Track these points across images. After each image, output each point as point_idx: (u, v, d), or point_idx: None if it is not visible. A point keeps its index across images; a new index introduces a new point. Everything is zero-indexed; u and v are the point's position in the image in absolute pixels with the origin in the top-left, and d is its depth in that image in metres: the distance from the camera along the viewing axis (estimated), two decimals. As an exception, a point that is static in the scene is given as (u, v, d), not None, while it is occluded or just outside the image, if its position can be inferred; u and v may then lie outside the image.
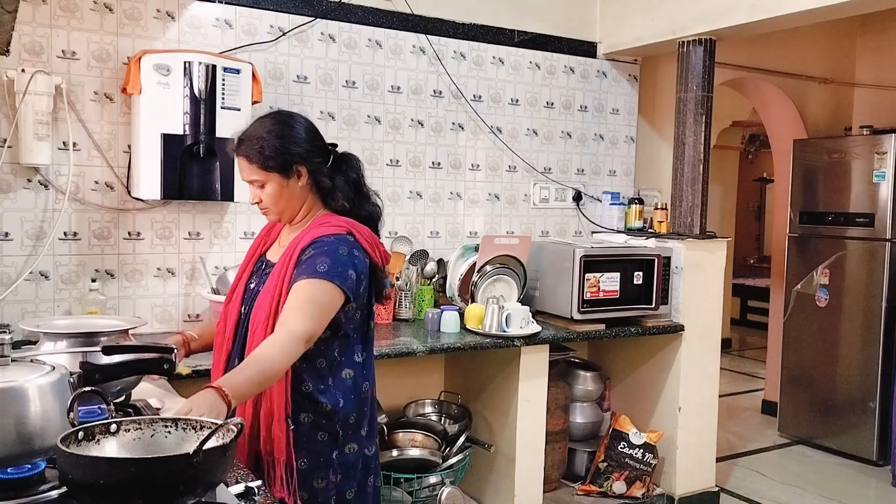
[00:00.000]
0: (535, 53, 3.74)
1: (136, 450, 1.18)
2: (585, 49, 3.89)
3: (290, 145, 1.79)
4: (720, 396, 3.80)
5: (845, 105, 5.05)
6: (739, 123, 6.92)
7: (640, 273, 3.39)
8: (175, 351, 1.58)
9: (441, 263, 3.45)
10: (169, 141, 2.60)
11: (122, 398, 1.71)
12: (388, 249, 3.32)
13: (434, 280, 3.41)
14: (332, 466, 1.82)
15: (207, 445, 1.08)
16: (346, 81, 3.26)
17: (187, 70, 2.61)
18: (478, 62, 3.58)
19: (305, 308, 1.69)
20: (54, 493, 1.16)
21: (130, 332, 1.76)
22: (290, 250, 1.79)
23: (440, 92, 3.50)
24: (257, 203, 1.85)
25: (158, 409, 1.79)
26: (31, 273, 2.67)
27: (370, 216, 1.90)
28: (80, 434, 1.15)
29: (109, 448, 1.18)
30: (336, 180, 1.85)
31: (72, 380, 1.31)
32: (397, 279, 3.28)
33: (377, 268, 1.87)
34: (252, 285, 1.89)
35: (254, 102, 2.81)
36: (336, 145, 1.91)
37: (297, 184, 1.82)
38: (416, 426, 3.13)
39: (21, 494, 1.16)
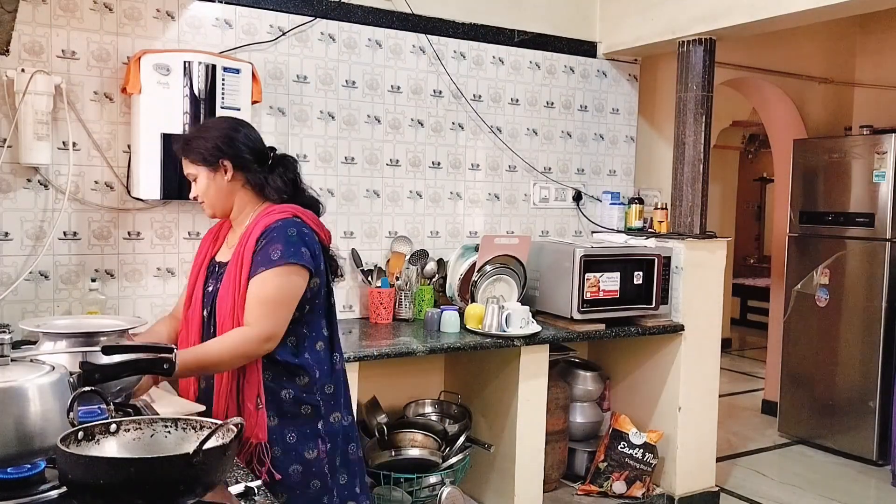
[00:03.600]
0: (535, 53, 3.73)
1: (136, 450, 1.18)
2: (585, 49, 3.89)
3: (217, 142, 1.92)
4: (720, 396, 3.80)
5: (845, 105, 5.04)
6: (739, 123, 6.92)
7: (640, 273, 3.39)
8: (175, 351, 1.59)
9: (441, 263, 3.45)
10: (169, 141, 2.60)
11: (122, 398, 1.70)
12: (388, 249, 3.37)
13: (434, 280, 3.41)
14: (319, 436, 1.91)
15: (207, 445, 1.08)
16: (346, 81, 3.26)
17: (187, 70, 2.61)
18: (478, 62, 3.58)
19: (265, 307, 1.80)
20: (54, 493, 1.16)
21: (130, 332, 1.77)
22: (241, 245, 1.88)
23: (440, 92, 3.50)
24: (195, 197, 1.98)
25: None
26: (30, 273, 2.67)
27: (309, 204, 2.00)
28: (80, 434, 1.15)
29: (109, 448, 1.17)
30: (269, 178, 1.96)
31: (72, 380, 1.30)
32: (397, 279, 3.28)
33: (325, 246, 1.97)
34: (209, 288, 1.97)
35: (254, 102, 2.81)
36: (274, 149, 2.02)
37: (223, 178, 1.93)
38: (415, 426, 3.13)
39: (21, 494, 1.16)
